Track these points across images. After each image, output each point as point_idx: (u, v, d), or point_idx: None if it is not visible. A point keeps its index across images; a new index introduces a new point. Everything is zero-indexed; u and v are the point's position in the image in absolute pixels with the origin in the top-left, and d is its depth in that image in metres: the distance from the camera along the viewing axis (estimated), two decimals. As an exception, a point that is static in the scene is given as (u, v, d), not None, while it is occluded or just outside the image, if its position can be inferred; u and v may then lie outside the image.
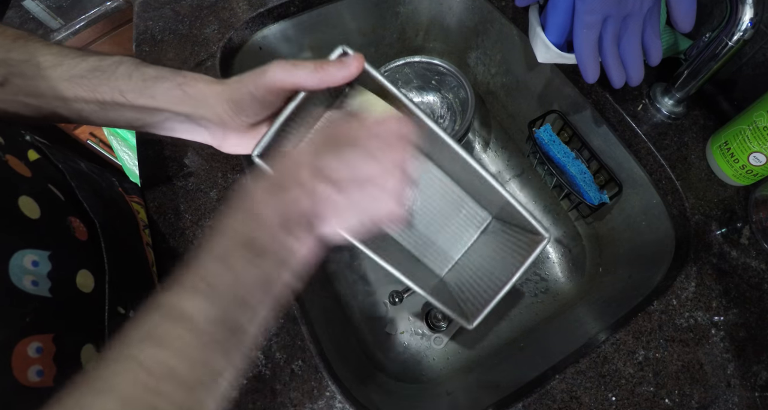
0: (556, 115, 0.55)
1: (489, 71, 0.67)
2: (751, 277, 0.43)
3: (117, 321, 0.31)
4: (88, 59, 0.32)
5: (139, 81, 0.32)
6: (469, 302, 0.39)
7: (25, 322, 0.26)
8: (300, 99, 0.32)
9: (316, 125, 0.38)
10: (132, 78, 0.32)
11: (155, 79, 0.32)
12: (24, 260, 0.26)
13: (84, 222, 0.33)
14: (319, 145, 0.29)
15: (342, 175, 0.27)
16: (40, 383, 0.26)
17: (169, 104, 0.32)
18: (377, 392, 0.47)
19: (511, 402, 0.39)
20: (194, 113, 0.32)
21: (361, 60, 0.31)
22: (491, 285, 0.38)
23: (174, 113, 0.33)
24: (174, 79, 0.32)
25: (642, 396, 0.39)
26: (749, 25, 0.38)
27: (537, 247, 0.36)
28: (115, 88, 0.32)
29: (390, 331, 0.58)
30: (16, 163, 0.30)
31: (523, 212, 0.36)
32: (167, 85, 0.32)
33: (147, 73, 0.32)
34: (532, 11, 0.45)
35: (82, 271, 0.31)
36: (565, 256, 0.62)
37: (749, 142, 0.43)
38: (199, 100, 0.32)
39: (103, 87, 0.32)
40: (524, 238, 0.38)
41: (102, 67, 0.32)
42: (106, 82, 0.32)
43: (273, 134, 0.33)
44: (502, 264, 0.39)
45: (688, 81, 0.46)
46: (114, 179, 0.43)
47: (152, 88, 0.32)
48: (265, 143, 0.33)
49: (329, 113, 0.38)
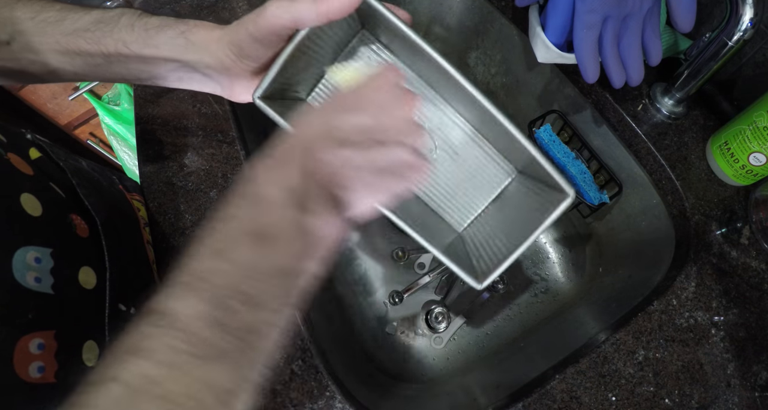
0: (556, 115, 0.55)
1: (489, 71, 0.67)
2: (751, 277, 0.43)
3: (118, 318, 0.31)
4: (91, 13, 0.32)
5: (141, 31, 0.31)
6: (482, 261, 0.37)
7: (27, 319, 0.26)
8: (301, 36, 0.31)
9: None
10: (135, 28, 0.31)
11: (158, 29, 0.31)
12: (27, 256, 0.27)
13: (85, 220, 0.33)
14: (320, 115, 0.27)
15: (359, 135, 0.25)
16: (41, 379, 0.26)
17: (173, 52, 0.31)
18: (377, 392, 0.47)
19: (511, 402, 0.39)
20: (198, 60, 0.32)
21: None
22: (507, 244, 0.35)
23: (179, 61, 0.32)
24: (177, 28, 0.31)
25: (642, 396, 0.39)
26: (749, 25, 0.38)
27: (559, 206, 0.33)
28: (119, 40, 0.31)
29: (390, 331, 0.58)
30: (18, 161, 0.30)
31: (546, 165, 0.33)
32: (170, 33, 0.31)
33: (150, 23, 0.32)
34: (532, 11, 0.45)
35: (84, 268, 0.31)
36: (565, 256, 0.62)
37: (749, 142, 0.43)
38: (201, 47, 0.31)
39: (107, 39, 0.31)
40: (547, 196, 0.36)
41: (104, 19, 0.31)
42: (110, 34, 0.31)
43: (275, 73, 0.31)
44: (522, 222, 0.36)
45: (688, 81, 0.46)
46: (114, 177, 0.43)
47: (155, 38, 0.31)
48: (266, 84, 0.31)
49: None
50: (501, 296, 0.59)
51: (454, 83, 0.33)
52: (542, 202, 0.35)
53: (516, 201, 0.39)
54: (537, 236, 0.33)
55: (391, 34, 0.35)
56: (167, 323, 0.20)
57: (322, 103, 0.30)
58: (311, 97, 0.38)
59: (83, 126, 0.99)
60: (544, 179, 0.35)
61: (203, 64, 0.32)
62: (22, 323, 0.25)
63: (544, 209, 0.34)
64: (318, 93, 0.38)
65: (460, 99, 0.37)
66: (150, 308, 0.21)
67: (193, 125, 0.49)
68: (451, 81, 0.33)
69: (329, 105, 0.28)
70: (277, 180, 0.24)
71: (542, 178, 0.36)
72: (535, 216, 0.35)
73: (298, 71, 0.34)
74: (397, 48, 0.37)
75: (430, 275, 0.58)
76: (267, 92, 0.32)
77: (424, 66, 0.36)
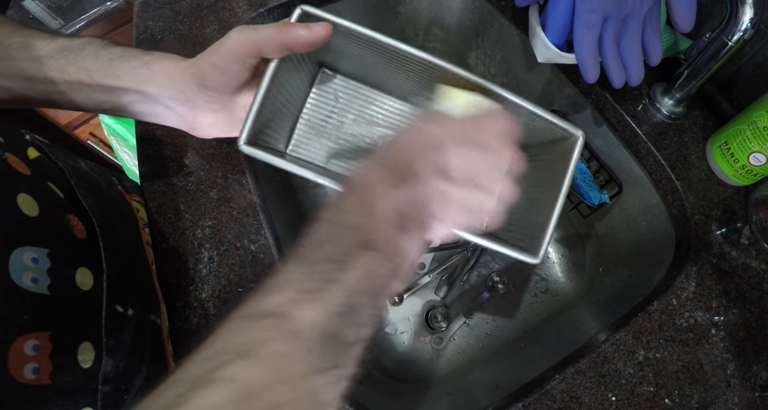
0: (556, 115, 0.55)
1: (489, 71, 0.67)
2: (751, 277, 0.43)
3: (115, 319, 0.31)
4: (56, 40, 0.32)
5: (105, 60, 0.31)
6: (521, 239, 0.36)
7: (22, 320, 0.25)
8: (272, 70, 0.30)
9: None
10: (99, 57, 0.31)
11: (122, 59, 0.31)
12: (24, 257, 0.26)
13: (83, 220, 0.33)
14: (430, 136, 0.27)
15: (462, 173, 0.26)
16: (36, 380, 0.26)
17: (135, 82, 0.31)
18: (377, 392, 0.47)
19: (511, 402, 0.39)
20: (160, 91, 0.31)
21: (329, 28, 0.29)
22: (540, 211, 0.35)
23: (140, 92, 0.32)
24: (141, 58, 0.31)
25: (642, 396, 0.39)
26: (749, 25, 0.38)
27: (575, 149, 0.33)
28: (82, 68, 0.31)
29: (390, 331, 0.58)
30: (15, 161, 0.30)
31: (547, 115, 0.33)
32: (133, 63, 0.31)
33: (114, 53, 0.32)
34: (532, 11, 0.45)
35: (82, 269, 0.31)
36: (565, 256, 0.62)
37: (749, 142, 0.43)
38: (164, 78, 0.31)
39: (71, 67, 0.31)
40: (557, 149, 0.35)
41: (69, 47, 0.31)
42: (73, 62, 0.31)
43: (255, 116, 0.31)
44: (544, 187, 0.36)
45: (688, 81, 0.46)
46: (114, 178, 0.43)
47: (118, 68, 0.31)
48: (249, 128, 0.31)
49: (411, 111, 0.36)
50: (501, 296, 0.59)
51: (431, 68, 0.32)
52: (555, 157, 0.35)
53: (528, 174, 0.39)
54: (568, 189, 0.33)
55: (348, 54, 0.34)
56: (285, 330, 0.20)
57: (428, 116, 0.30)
58: (290, 149, 0.38)
59: (83, 126, 0.99)
60: (547, 134, 0.35)
61: (165, 96, 0.32)
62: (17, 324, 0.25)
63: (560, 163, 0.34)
64: (296, 143, 0.38)
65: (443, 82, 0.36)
66: (264, 309, 0.20)
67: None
68: (428, 67, 0.32)
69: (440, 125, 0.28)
70: (390, 196, 0.24)
71: (546, 134, 0.35)
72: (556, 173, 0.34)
73: (273, 116, 0.34)
74: (361, 70, 0.37)
75: (430, 275, 0.58)
76: (251, 136, 0.31)
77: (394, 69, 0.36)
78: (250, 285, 0.41)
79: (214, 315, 0.40)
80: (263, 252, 0.42)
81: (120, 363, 0.30)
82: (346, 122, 0.39)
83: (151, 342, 0.34)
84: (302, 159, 0.38)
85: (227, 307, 0.40)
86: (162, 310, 0.38)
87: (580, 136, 0.33)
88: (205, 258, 0.42)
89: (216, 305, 0.40)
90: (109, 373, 0.30)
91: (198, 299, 0.40)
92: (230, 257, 0.42)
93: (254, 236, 0.43)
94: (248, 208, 0.44)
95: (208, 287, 0.41)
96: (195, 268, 0.41)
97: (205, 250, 0.42)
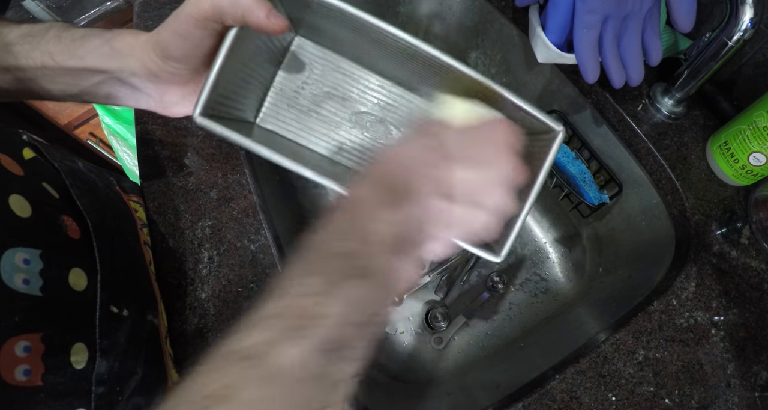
0: (556, 115, 0.55)
1: (489, 71, 0.67)
2: (751, 277, 0.43)
3: (110, 320, 0.31)
4: (21, 27, 0.32)
5: (68, 42, 0.31)
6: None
7: (13, 321, 0.25)
8: (233, 34, 0.29)
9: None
10: (61, 40, 0.31)
11: (83, 38, 0.31)
12: (15, 257, 0.26)
13: (77, 221, 0.33)
14: (428, 151, 0.26)
15: (462, 191, 0.25)
16: (27, 382, 0.25)
17: (98, 61, 0.31)
18: (377, 392, 0.47)
19: (511, 402, 0.39)
20: (123, 67, 0.31)
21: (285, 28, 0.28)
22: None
23: (104, 71, 0.31)
24: (102, 36, 0.31)
25: (642, 396, 0.39)
26: (749, 25, 0.38)
27: (553, 144, 0.31)
28: (46, 52, 0.31)
29: (390, 331, 0.58)
30: (8, 162, 0.30)
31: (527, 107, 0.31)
32: (96, 42, 0.31)
33: (76, 34, 0.31)
34: (532, 11, 0.45)
35: (75, 270, 0.30)
36: (565, 256, 0.62)
37: (749, 142, 0.43)
38: (126, 54, 0.30)
39: (35, 52, 0.31)
40: (537, 143, 0.33)
41: (33, 32, 0.31)
42: (37, 47, 0.31)
43: (212, 84, 0.29)
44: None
45: (688, 81, 0.46)
46: (112, 178, 0.43)
47: (81, 48, 0.31)
48: (205, 98, 0.29)
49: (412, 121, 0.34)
50: (501, 296, 0.59)
51: (406, 49, 0.31)
52: (534, 151, 0.33)
53: None
54: (539, 189, 0.31)
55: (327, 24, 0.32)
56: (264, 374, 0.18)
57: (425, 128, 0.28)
58: (260, 119, 0.36)
59: (83, 126, 0.99)
60: (529, 126, 0.33)
61: (129, 72, 0.31)
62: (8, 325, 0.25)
63: (537, 158, 0.32)
64: (266, 114, 0.36)
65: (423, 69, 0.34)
66: (243, 350, 0.19)
67: (193, 125, 0.49)
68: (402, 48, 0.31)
69: (437, 139, 0.26)
70: (385, 217, 0.23)
71: (528, 125, 0.33)
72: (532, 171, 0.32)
73: (238, 86, 0.32)
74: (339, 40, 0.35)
75: (430, 275, 0.58)
76: (208, 107, 0.29)
77: (372, 46, 0.34)
78: (250, 285, 0.41)
79: (213, 315, 0.40)
80: (263, 252, 0.42)
81: (114, 363, 0.30)
82: (319, 94, 0.37)
83: (147, 342, 0.34)
84: (272, 131, 0.36)
85: (227, 307, 0.40)
86: (160, 310, 0.38)
87: (559, 131, 0.31)
88: (205, 258, 0.42)
89: (216, 305, 0.40)
90: (103, 374, 0.29)
91: (198, 299, 0.40)
92: (230, 257, 0.42)
93: (254, 236, 0.43)
94: (248, 208, 0.44)
95: (208, 287, 0.41)
96: (195, 268, 0.41)
97: (205, 250, 0.42)
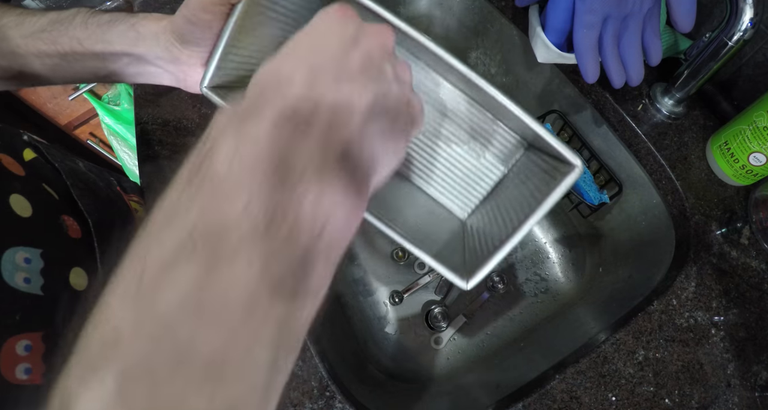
0: (556, 115, 0.55)
1: (489, 71, 0.67)
2: (751, 277, 0.43)
3: None
4: (47, 14, 0.33)
5: (94, 27, 0.32)
6: (476, 255, 0.31)
7: (14, 320, 0.25)
8: (238, 12, 0.29)
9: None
10: (88, 25, 0.32)
11: (110, 24, 0.32)
12: (16, 257, 0.27)
13: (78, 221, 0.33)
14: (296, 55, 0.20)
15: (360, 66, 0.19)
16: (28, 381, 0.26)
17: (125, 46, 0.32)
18: (377, 392, 0.47)
19: (511, 402, 0.39)
20: (149, 51, 0.32)
21: None
22: (505, 231, 0.30)
23: (131, 55, 0.32)
24: (127, 21, 0.32)
25: (642, 396, 0.39)
26: (749, 25, 0.38)
27: (564, 179, 0.28)
28: (74, 38, 0.32)
29: (390, 331, 0.58)
30: (9, 162, 0.30)
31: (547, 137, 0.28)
32: (122, 27, 0.32)
33: (102, 19, 0.32)
34: (532, 11, 0.45)
35: (76, 269, 0.31)
36: (565, 256, 0.62)
37: (749, 142, 0.43)
38: (150, 38, 0.32)
39: (63, 38, 0.32)
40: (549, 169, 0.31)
41: (60, 19, 0.32)
42: (65, 33, 0.32)
43: (219, 57, 0.29)
44: (522, 204, 0.31)
45: (688, 81, 0.46)
46: (113, 178, 0.43)
47: (108, 33, 0.32)
48: (211, 71, 0.29)
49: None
50: (501, 296, 0.59)
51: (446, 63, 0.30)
52: (546, 179, 0.30)
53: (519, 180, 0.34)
54: (534, 222, 0.28)
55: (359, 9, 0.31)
56: None
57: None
58: None
59: (83, 126, 0.99)
60: (549, 152, 0.30)
61: (154, 56, 0.32)
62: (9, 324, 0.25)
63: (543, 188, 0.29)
64: None
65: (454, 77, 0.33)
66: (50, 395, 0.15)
67: (193, 125, 0.49)
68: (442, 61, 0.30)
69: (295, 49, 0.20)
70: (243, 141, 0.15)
71: (548, 151, 0.31)
72: (538, 196, 0.29)
73: (253, 58, 0.32)
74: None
75: (430, 275, 0.58)
76: (216, 80, 0.29)
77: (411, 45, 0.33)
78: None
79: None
80: (263, 252, 0.42)
81: None
82: None
83: None
84: None
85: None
86: None
87: (576, 167, 0.28)
88: (205, 258, 0.42)
89: (216, 305, 0.40)
90: None
91: (198, 299, 0.40)
92: (230, 257, 0.42)
93: (254, 236, 0.43)
94: (248, 208, 0.44)
95: (208, 287, 0.41)
96: (195, 268, 0.41)
97: (205, 250, 0.42)
